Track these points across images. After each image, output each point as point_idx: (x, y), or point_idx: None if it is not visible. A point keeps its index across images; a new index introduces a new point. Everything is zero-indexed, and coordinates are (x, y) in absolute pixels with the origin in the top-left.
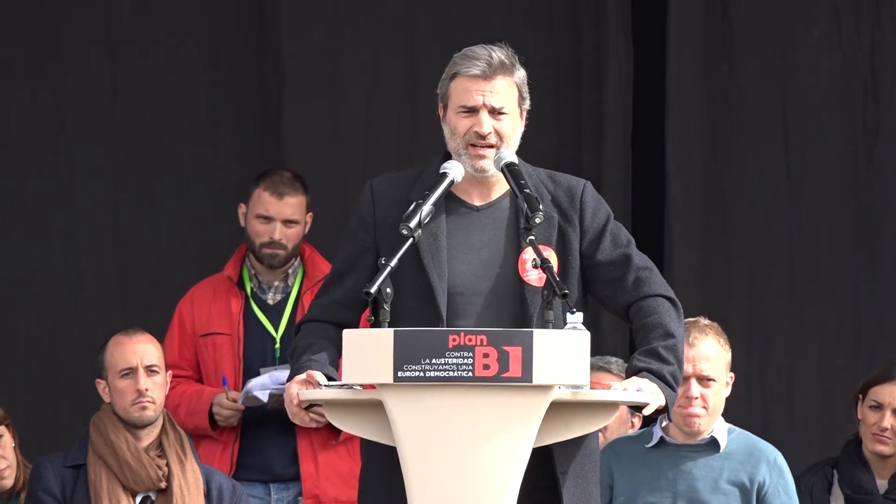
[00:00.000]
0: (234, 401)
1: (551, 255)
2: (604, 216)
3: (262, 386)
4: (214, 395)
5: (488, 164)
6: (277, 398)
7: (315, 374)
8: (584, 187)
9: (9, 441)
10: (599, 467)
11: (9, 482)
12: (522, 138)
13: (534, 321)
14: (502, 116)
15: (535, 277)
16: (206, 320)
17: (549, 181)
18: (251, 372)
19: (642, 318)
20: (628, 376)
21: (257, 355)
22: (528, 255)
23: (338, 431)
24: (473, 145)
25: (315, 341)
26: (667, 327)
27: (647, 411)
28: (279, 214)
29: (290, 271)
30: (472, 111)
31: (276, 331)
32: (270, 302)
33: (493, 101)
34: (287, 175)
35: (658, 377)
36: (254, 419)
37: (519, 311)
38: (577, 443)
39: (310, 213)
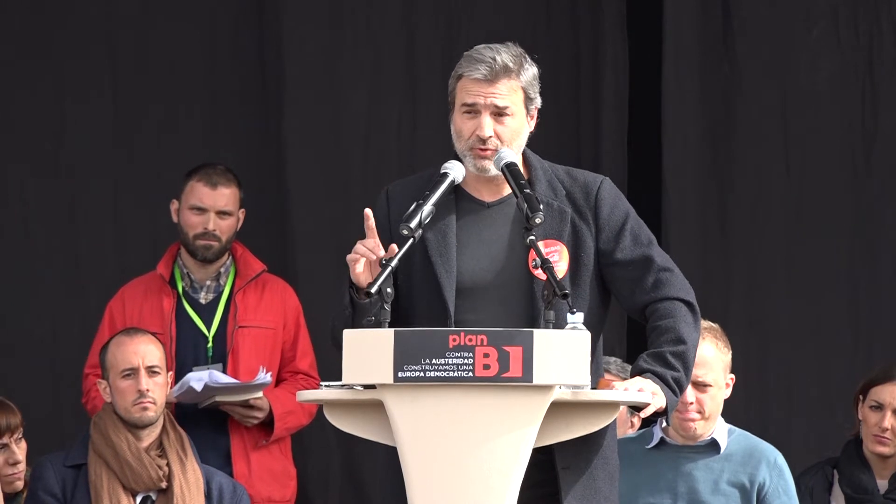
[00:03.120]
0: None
1: (562, 250)
2: (622, 214)
3: (198, 379)
4: None
5: (490, 164)
6: (213, 399)
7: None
8: (601, 184)
9: (24, 445)
10: (616, 465)
11: (21, 484)
12: None
13: (542, 315)
14: (505, 118)
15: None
16: (138, 319)
17: (566, 177)
18: (183, 371)
19: (657, 320)
20: (632, 376)
21: (189, 354)
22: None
23: (269, 431)
24: (477, 148)
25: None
26: (679, 332)
27: (645, 412)
28: (213, 205)
29: (222, 270)
30: (475, 111)
31: (209, 330)
32: (203, 301)
33: (496, 101)
34: (220, 167)
35: (661, 380)
36: (187, 418)
37: (528, 306)
38: (581, 438)
39: (242, 210)
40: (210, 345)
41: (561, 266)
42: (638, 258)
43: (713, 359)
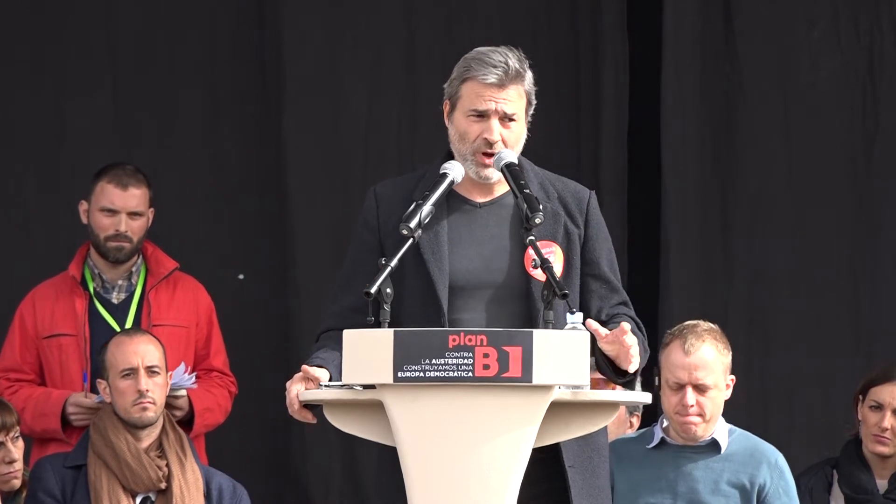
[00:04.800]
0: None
1: (556, 251)
2: (606, 231)
3: None
4: (64, 396)
5: (492, 172)
6: None
7: (311, 370)
8: (591, 194)
9: (20, 444)
10: (608, 463)
11: (18, 483)
12: None
13: (540, 316)
14: (511, 123)
15: (540, 273)
16: (50, 322)
17: (557, 181)
18: (98, 372)
19: (619, 320)
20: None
21: None
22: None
23: (188, 428)
24: (483, 153)
25: (325, 344)
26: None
27: (629, 366)
28: (124, 206)
29: (133, 269)
30: (483, 116)
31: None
32: (115, 301)
33: (506, 108)
34: (129, 168)
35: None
36: None
37: (524, 307)
38: (585, 437)
39: (152, 209)
40: None
41: (556, 267)
42: (612, 281)
43: (713, 361)
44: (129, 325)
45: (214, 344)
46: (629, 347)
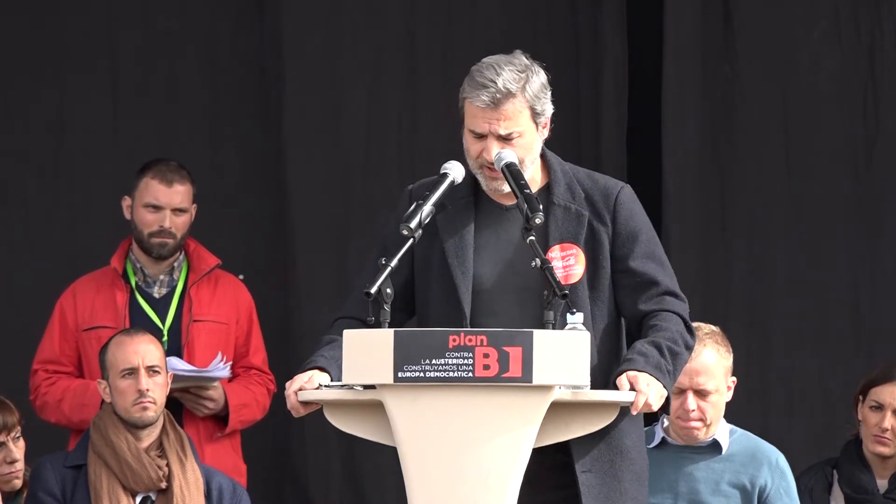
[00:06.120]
0: None
1: (578, 254)
2: (639, 223)
3: None
4: None
5: (500, 184)
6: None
7: (308, 374)
8: (622, 189)
9: (22, 444)
10: (643, 465)
11: (19, 483)
12: None
13: (558, 319)
14: (512, 140)
15: (560, 276)
16: (90, 314)
17: (587, 179)
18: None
19: (658, 321)
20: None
21: None
22: (554, 254)
23: (223, 423)
24: (486, 167)
25: (333, 339)
26: (674, 334)
27: (651, 405)
28: (169, 203)
29: (175, 264)
30: (482, 136)
31: (163, 324)
32: (156, 295)
33: (501, 130)
34: (174, 164)
35: (655, 369)
36: None
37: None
38: (602, 440)
39: (194, 206)
40: (165, 339)
41: (577, 269)
42: (648, 272)
43: (714, 365)
44: (169, 319)
45: (254, 342)
46: (638, 393)
